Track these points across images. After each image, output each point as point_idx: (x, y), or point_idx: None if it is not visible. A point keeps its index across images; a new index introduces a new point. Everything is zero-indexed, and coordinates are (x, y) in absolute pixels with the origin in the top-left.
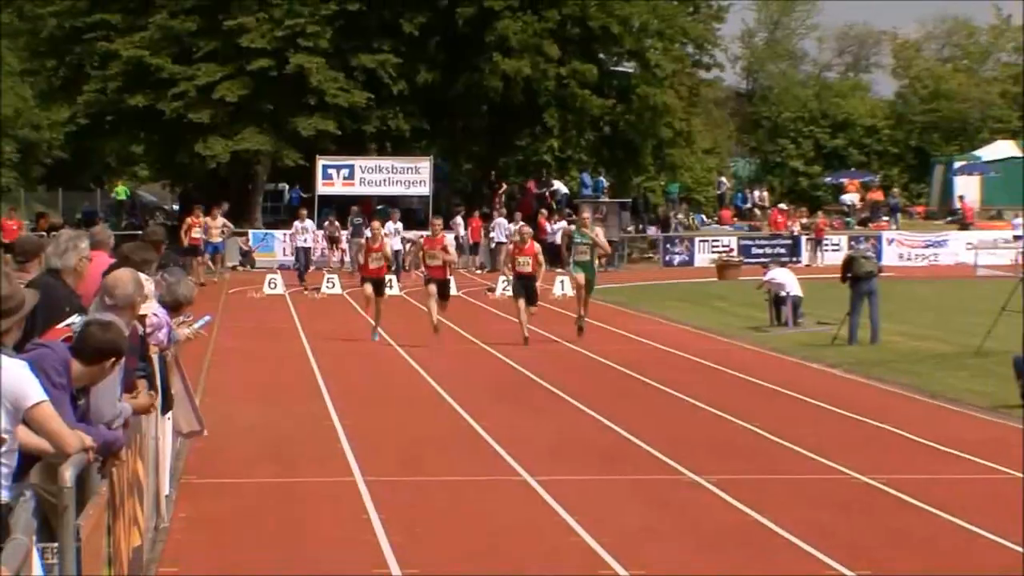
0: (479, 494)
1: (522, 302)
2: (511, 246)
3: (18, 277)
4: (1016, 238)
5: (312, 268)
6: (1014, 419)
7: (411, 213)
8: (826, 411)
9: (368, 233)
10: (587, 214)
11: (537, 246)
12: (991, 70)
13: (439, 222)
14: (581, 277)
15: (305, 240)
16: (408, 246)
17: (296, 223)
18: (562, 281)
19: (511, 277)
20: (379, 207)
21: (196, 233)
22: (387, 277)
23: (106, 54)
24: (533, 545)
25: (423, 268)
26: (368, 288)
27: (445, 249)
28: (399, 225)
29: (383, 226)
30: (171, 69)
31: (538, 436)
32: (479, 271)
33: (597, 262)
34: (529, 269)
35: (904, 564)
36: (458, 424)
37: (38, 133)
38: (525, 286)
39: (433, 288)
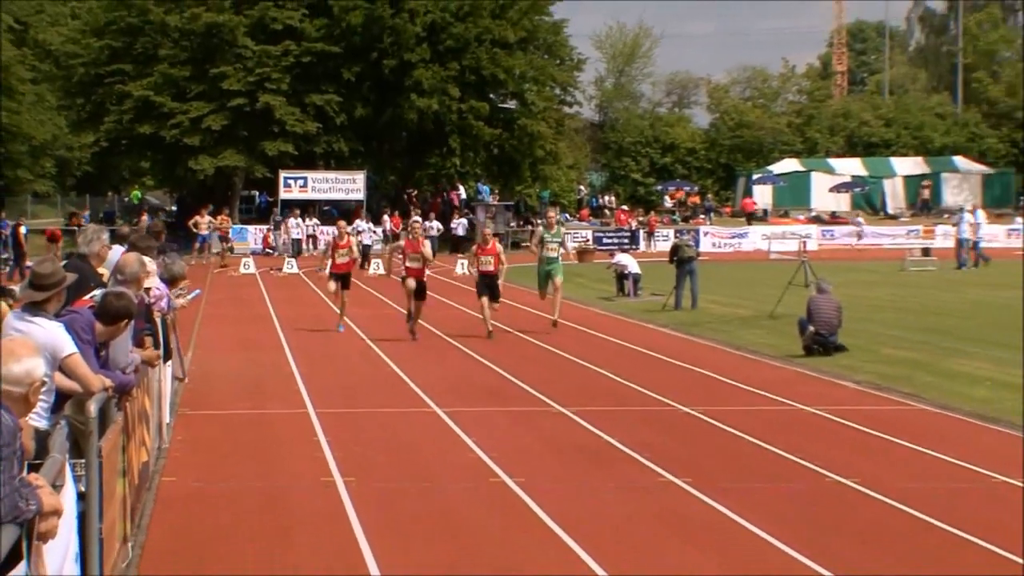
0: (400, 422)
1: (485, 299)
2: (475, 247)
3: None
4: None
5: (282, 254)
6: (797, 365)
7: (350, 213)
8: (659, 360)
9: (334, 232)
10: (553, 214)
11: (499, 246)
12: (780, 107)
13: (419, 226)
14: (559, 280)
15: (297, 233)
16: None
17: (291, 220)
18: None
19: (476, 275)
20: (325, 208)
21: (224, 226)
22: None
23: (121, 94)
24: (439, 459)
25: (403, 268)
26: (332, 285)
27: (424, 251)
28: (369, 224)
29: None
30: (170, 105)
31: (444, 379)
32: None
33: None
34: (492, 268)
35: (716, 473)
36: (385, 371)
37: (70, 153)
38: (488, 284)
39: (412, 284)
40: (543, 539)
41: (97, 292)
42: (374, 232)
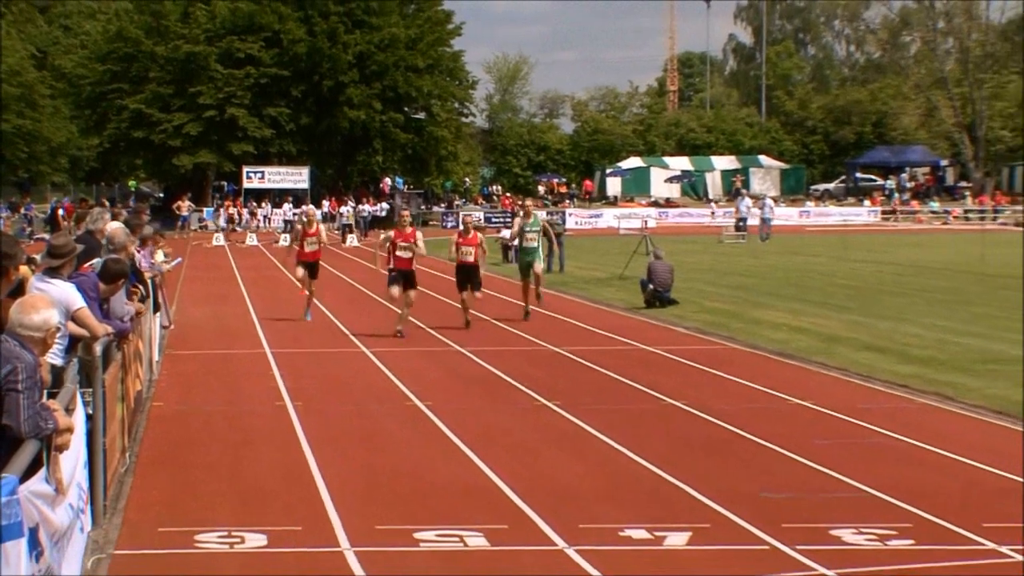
0: (337, 359)
1: (466, 293)
2: (456, 236)
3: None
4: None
5: (244, 230)
6: (640, 315)
7: (298, 200)
8: (534, 310)
9: (304, 219)
10: (530, 202)
11: (480, 236)
12: (627, 117)
13: (407, 213)
14: (538, 266)
15: (291, 216)
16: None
17: (286, 206)
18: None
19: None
20: (278, 197)
21: (232, 211)
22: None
23: (120, 107)
24: (367, 387)
25: (391, 261)
26: (300, 271)
27: (415, 242)
28: (347, 207)
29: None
30: (158, 116)
31: (371, 325)
32: (337, 232)
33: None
34: (472, 259)
35: (579, 397)
36: (326, 320)
37: (80, 152)
38: (469, 275)
39: (396, 291)
40: (446, 447)
41: (96, 260)
42: (359, 211)
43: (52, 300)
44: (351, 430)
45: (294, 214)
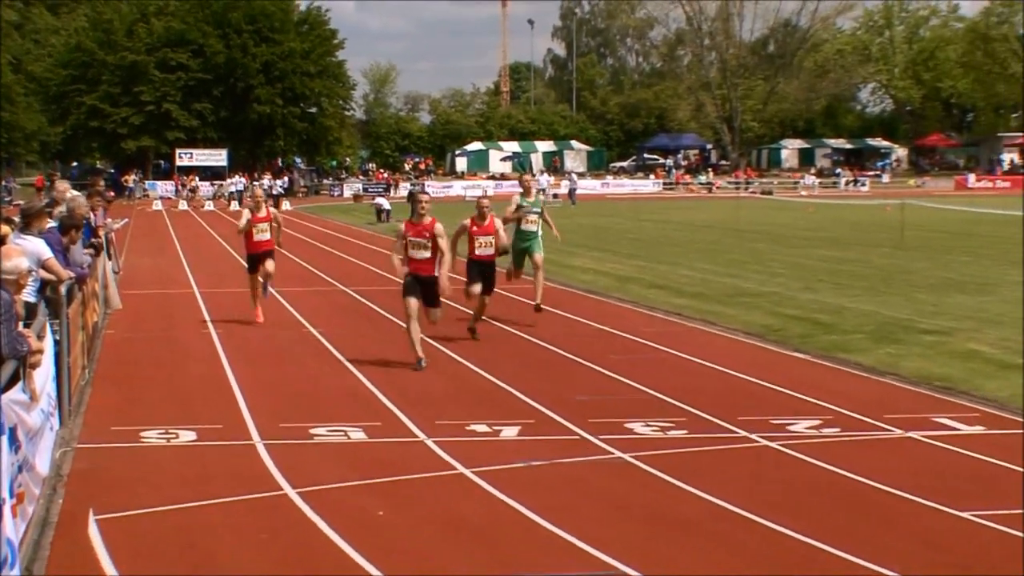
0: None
1: (478, 287)
2: (468, 221)
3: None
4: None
5: (177, 198)
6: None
7: (218, 176)
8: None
9: (251, 203)
10: (529, 177)
11: (498, 221)
12: (471, 111)
13: (427, 197)
14: (539, 256)
15: (236, 187)
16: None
17: (229, 179)
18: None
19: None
20: (206, 173)
21: (195, 184)
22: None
23: (80, 103)
24: (274, 317)
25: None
26: (256, 277)
27: (435, 237)
28: (277, 182)
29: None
30: (109, 111)
31: (277, 272)
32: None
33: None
34: (493, 251)
35: (435, 326)
36: (240, 266)
37: (48, 138)
38: (483, 273)
39: (414, 303)
40: (332, 362)
41: (52, 223)
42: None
43: (25, 251)
44: (261, 350)
45: (246, 186)
